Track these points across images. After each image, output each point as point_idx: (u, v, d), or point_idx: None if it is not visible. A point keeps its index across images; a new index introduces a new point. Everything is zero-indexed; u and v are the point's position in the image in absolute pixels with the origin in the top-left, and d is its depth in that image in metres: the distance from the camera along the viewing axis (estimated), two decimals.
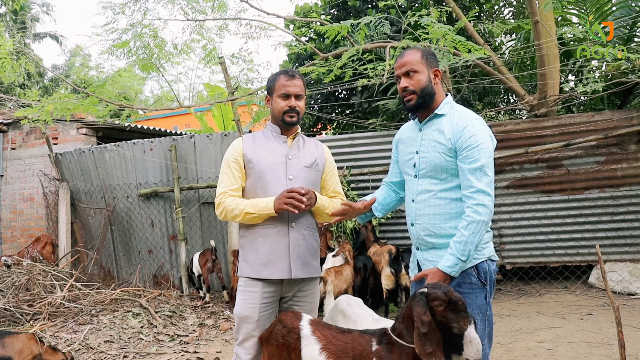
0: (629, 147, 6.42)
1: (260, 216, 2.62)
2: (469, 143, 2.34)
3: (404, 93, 2.49)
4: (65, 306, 6.22)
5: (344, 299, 3.36)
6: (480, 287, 2.37)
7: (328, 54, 6.69)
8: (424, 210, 2.48)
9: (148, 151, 7.76)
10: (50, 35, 24.61)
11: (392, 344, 2.09)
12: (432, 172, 2.45)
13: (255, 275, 2.65)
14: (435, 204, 2.45)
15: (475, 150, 2.33)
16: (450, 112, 2.49)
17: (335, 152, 7.14)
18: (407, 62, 2.49)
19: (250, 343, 2.65)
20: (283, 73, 2.76)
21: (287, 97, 2.71)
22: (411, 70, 2.47)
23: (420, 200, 2.49)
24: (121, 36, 6.81)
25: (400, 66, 2.51)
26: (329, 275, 5.39)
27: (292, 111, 2.71)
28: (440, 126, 2.46)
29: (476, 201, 2.29)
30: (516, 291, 6.72)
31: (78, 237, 8.70)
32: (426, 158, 2.47)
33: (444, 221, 2.42)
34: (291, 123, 2.73)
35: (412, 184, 2.55)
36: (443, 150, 2.41)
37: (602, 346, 4.40)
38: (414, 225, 2.53)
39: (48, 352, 3.84)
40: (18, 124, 9.55)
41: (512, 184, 6.77)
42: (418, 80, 2.46)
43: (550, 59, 6.96)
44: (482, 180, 2.31)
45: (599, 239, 6.42)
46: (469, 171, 2.32)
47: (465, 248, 2.25)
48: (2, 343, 3.68)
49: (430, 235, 2.46)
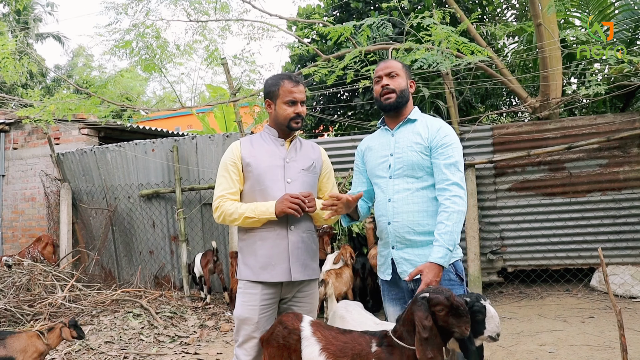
0: (632, 150, 6.41)
1: (260, 220, 2.63)
2: (444, 142, 2.56)
3: (385, 90, 2.68)
4: (65, 306, 6.22)
5: (343, 305, 3.33)
6: (459, 283, 2.54)
7: (330, 56, 6.68)
8: (402, 207, 2.58)
9: (150, 152, 7.76)
10: (53, 36, 24.69)
11: (393, 346, 2.08)
12: (408, 171, 2.60)
13: (255, 278, 2.65)
14: (415, 201, 2.57)
15: (450, 148, 2.54)
16: (421, 118, 2.71)
17: (338, 153, 7.14)
18: (391, 66, 2.72)
19: (250, 344, 2.65)
20: (287, 78, 2.75)
21: (294, 103, 2.72)
22: (394, 73, 2.69)
23: (397, 199, 2.60)
24: (124, 36, 6.80)
25: (385, 68, 2.72)
26: (329, 277, 5.37)
27: (299, 117, 2.74)
28: (414, 129, 2.67)
29: (453, 193, 2.44)
30: (517, 294, 6.70)
31: (79, 237, 8.70)
32: (402, 158, 2.62)
33: (423, 218, 2.54)
34: (297, 129, 2.77)
35: (387, 185, 2.67)
36: (420, 149, 2.59)
37: (603, 349, 4.39)
38: (390, 224, 2.61)
39: (50, 337, 3.85)
40: (20, 124, 9.56)
41: (514, 187, 6.75)
42: (399, 82, 2.68)
43: (553, 62, 6.94)
44: (456, 174, 2.50)
45: (601, 242, 6.40)
46: (445, 166, 2.51)
47: (451, 238, 2.37)
48: (4, 344, 3.70)
49: (409, 232, 2.55)
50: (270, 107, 2.78)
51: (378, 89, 2.71)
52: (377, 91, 2.71)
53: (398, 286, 2.66)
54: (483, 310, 2.20)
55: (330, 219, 2.74)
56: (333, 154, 7.04)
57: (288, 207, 2.55)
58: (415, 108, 2.77)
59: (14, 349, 3.71)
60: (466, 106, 9.15)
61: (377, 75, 2.74)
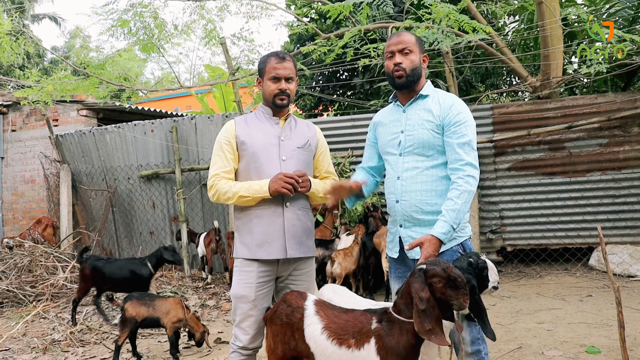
0: (632, 130, 6.39)
1: (255, 199, 2.63)
2: (457, 119, 2.47)
3: (396, 68, 2.56)
4: (67, 287, 6.27)
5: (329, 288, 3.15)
6: None
7: (330, 34, 6.62)
8: (411, 186, 2.54)
9: (149, 132, 7.74)
10: (49, 17, 24.43)
11: (393, 322, 2.09)
12: (418, 149, 2.54)
13: (251, 256, 2.66)
14: (423, 180, 2.52)
15: (463, 126, 2.46)
16: (433, 94, 2.61)
17: (337, 133, 7.12)
18: (405, 41, 2.58)
19: (248, 323, 2.66)
20: (273, 55, 2.74)
21: (278, 80, 2.70)
22: (407, 49, 2.56)
23: (406, 177, 2.55)
24: (121, 16, 6.73)
25: (397, 43, 2.58)
26: (337, 257, 5.42)
27: (283, 94, 2.71)
28: (426, 106, 2.57)
29: (466, 172, 2.39)
30: (516, 273, 6.74)
31: (79, 218, 8.72)
32: (413, 135, 2.55)
33: (432, 197, 2.50)
34: (282, 106, 2.74)
35: (397, 162, 2.61)
36: (431, 127, 2.51)
37: (601, 327, 4.43)
38: (399, 202, 2.58)
39: (193, 320, 4.16)
40: (18, 106, 9.52)
41: (513, 166, 6.75)
42: (412, 60, 2.56)
43: (554, 40, 6.88)
44: (470, 154, 2.43)
45: (600, 222, 6.42)
46: (458, 145, 2.44)
47: (457, 216, 2.33)
48: (153, 305, 4.09)
49: (417, 211, 2.52)
50: (260, 84, 2.79)
51: (390, 66, 2.60)
52: (389, 67, 2.61)
53: (405, 264, 2.65)
54: (486, 265, 2.25)
55: (326, 197, 2.76)
56: (332, 134, 7.03)
57: (282, 187, 2.55)
58: (428, 83, 2.66)
59: (161, 311, 4.08)
60: (466, 85, 9.10)
61: (389, 50, 2.62)
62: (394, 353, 2.06)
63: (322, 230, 6.41)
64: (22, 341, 4.80)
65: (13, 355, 4.45)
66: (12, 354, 4.47)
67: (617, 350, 3.69)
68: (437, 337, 1.93)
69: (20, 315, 5.51)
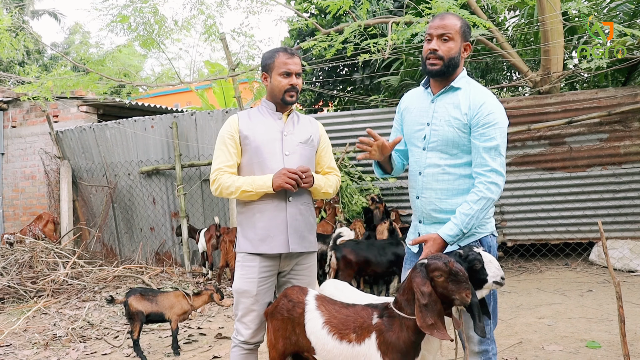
0: (632, 125, 6.38)
1: (258, 194, 2.63)
2: (486, 121, 2.29)
3: (431, 55, 2.38)
4: (68, 283, 6.27)
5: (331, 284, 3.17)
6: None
7: (330, 30, 6.61)
8: (431, 184, 2.43)
9: (149, 128, 7.73)
10: (48, 13, 24.37)
11: (393, 317, 2.09)
12: (442, 147, 2.40)
13: (254, 251, 2.66)
14: (444, 179, 2.41)
15: (492, 129, 2.29)
16: (466, 87, 2.42)
17: (337, 128, 7.12)
18: (447, 25, 2.37)
19: (250, 317, 2.67)
20: (282, 51, 2.74)
21: (289, 75, 2.69)
22: (447, 35, 2.37)
23: (428, 173, 2.45)
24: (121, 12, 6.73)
25: (438, 27, 2.38)
26: None
27: (293, 89, 2.71)
28: (455, 100, 2.40)
29: (490, 179, 2.27)
30: (517, 268, 6.75)
31: (80, 214, 8.72)
32: (438, 131, 2.41)
33: (450, 197, 2.40)
34: (291, 102, 2.74)
35: (420, 157, 2.49)
36: (458, 126, 2.35)
37: (601, 322, 4.43)
38: (419, 198, 2.49)
39: (195, 299, 4.22)
40: (18, 102, 9.50)
41: (514, 161, 6.74)
42: (450, 48, 2.37)
43: (554, 35, 6.86)
44: (496, 160, 2.28)
45: (601, 217, 6.42)
46: (484, 149, 2.28)
47: (470, 221, 2.24)
48: (155, 301, 4.13)
49: (435, 210, 2.43)
50: (266, 79, 2.78)
51: (426, 50, 2.41)
52: (425, 51, 2.42)
53: None
54: (479, 257, 2.13)
55: (328, 192, 2.75)
56: (333, 129, 7.03)
57: (285, 182, 2.55)
58: (462, 73, 2.45)
59: (164, 306, 4.12)
60: None
61: (428, 32, 2.41)
62: (395, 348, 2.05)
63: (324, 225, 6.42)
64: (24, 337, 4.80)
65: (14, 350, 4.46)
66: (13, 350, 4.48)
67: (618, 344, 3.70)
68: (439, 331, 1.93)
69: (21, 311, 5.52)
